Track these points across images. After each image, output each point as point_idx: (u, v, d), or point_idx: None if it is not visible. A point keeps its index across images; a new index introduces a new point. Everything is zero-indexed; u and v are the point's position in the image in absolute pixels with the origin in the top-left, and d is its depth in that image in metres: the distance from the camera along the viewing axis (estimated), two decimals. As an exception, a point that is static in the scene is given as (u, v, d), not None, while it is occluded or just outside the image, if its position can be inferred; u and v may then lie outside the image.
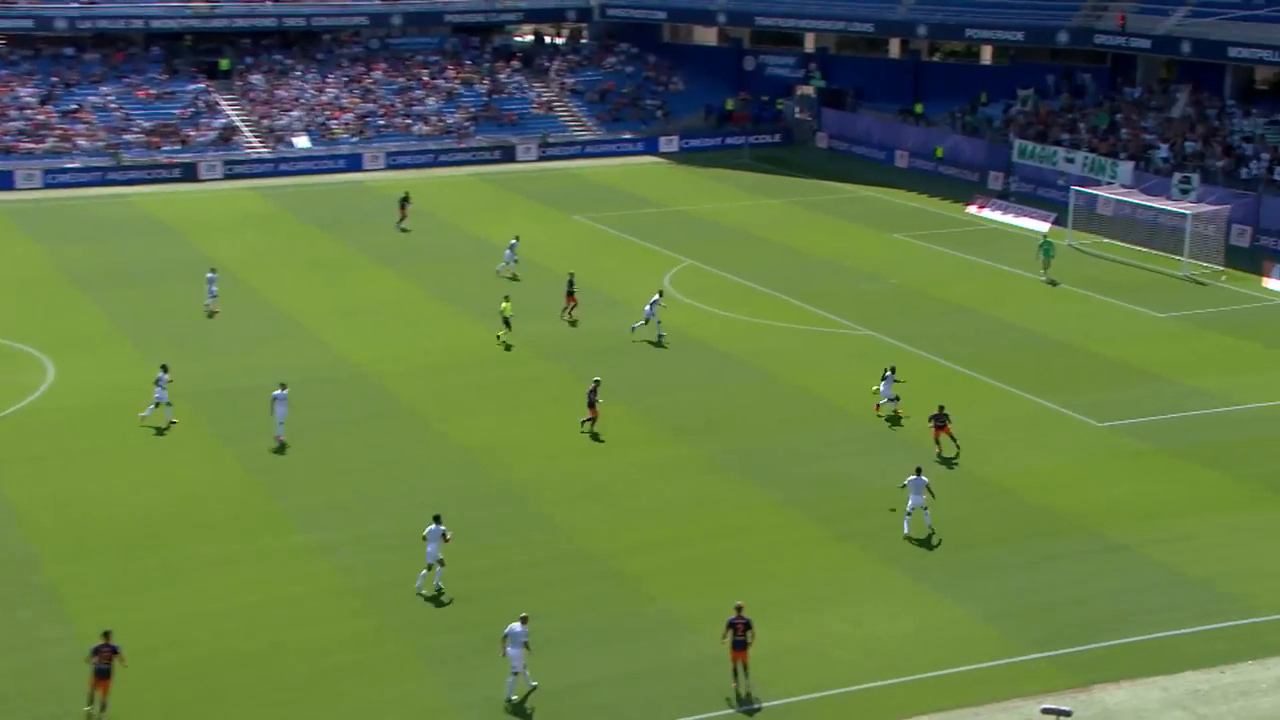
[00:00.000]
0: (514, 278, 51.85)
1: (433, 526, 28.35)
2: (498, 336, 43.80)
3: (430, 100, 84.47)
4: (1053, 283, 52.15)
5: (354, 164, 77.16)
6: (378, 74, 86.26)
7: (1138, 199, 58.58)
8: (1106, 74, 74.63)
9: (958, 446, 35.05)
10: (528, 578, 29.00)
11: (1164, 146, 63.83)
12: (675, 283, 52.17)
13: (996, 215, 64.45)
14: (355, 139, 79.64)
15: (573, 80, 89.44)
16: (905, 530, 30.51)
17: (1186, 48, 67.87)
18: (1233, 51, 65.87)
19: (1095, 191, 60.69)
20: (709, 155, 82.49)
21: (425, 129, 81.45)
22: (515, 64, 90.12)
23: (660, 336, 43.95)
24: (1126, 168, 63.98)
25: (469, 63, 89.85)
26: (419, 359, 42.72)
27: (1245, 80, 68.50)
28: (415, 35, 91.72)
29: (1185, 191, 59.26)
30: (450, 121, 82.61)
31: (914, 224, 63.47)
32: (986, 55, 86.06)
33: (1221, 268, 54.32)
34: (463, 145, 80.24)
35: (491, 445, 35.87)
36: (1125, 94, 71.47)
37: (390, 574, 29.19)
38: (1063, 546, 30.33)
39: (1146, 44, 69.84)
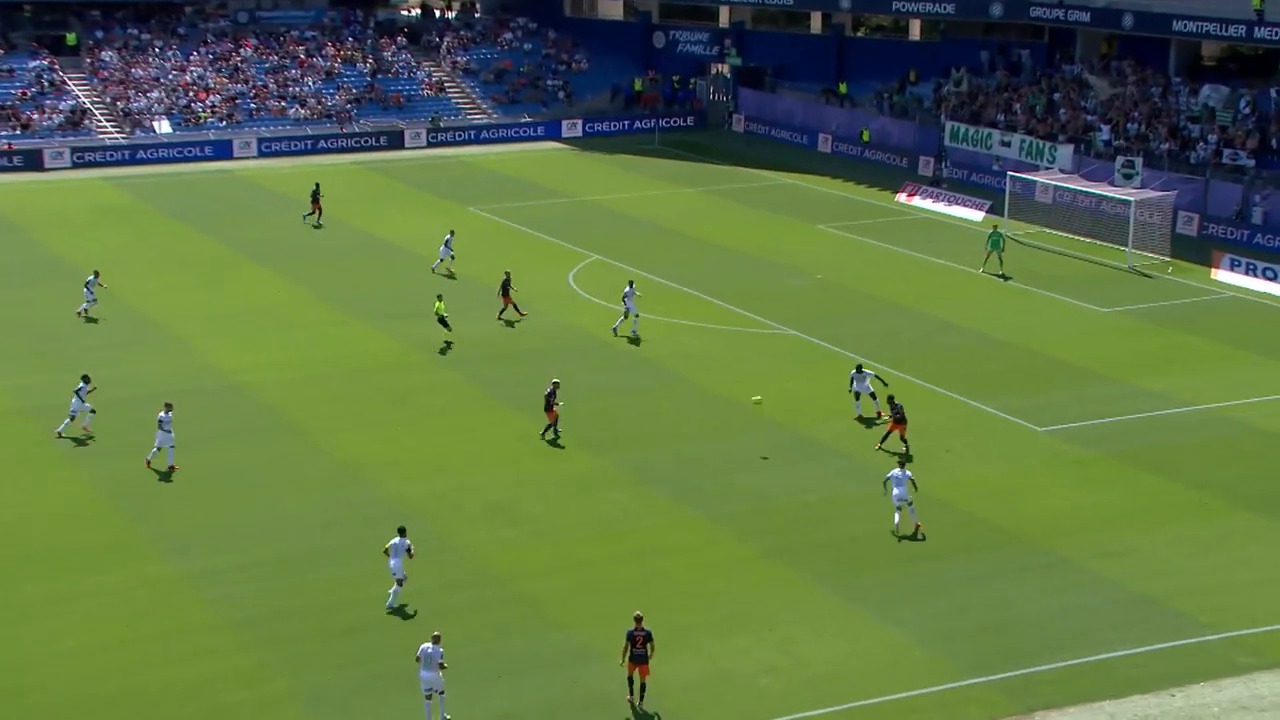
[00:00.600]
0: (450, 274, 51.97)
1: (397, 540, 28.90)
2: (446, 343, 44.21)
3: (307, 81, 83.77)
4: (1004, 277, 53.16)
5: (222, 151, 76.28)
6: (247, 51, 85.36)
7: (1078, 185, 59.79)
8: (1044, 50, 76.12)
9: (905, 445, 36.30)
10: (426, 605, 28.92)
11: (1105, 128, 65.19)
12: (581, 280, 52.37)
13: (928, 204, 65.41)
14: (223, 124, 78.73)
15: (465, 58, 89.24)
16: (895, 523, 31.85)
17: (1128, 21, 69.33)
18: (1178, 25, 67.43)
19: (1033, 178, 61.84)
20: (616, 140, 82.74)
21: (302, 113, 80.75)
22: (401, 40, 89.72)
23: (634, 332, 44.83)
24: (1066, 151, 65.26)
25: (350, 39, 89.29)
26: (302, 368, 42.40)
27: (1191, 56, 70.03)
28: (289, 8, 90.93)
29: (1128, 177, 60.54)
30: (330, 104, 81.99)
31: (840, 214, 64.23)
32: (915, 30, 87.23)
33: (1168, 258, 55.60)
34: (344, 131, 79.70)
35: (382, 460, 35.70)
36: (1064, 71, 72.98)
37: (270, 603, 28.95)
38: (1003, 562, 30.88)
39: (1085, 17, 71.27)
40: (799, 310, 48.70)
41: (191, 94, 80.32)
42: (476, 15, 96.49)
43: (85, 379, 37.56)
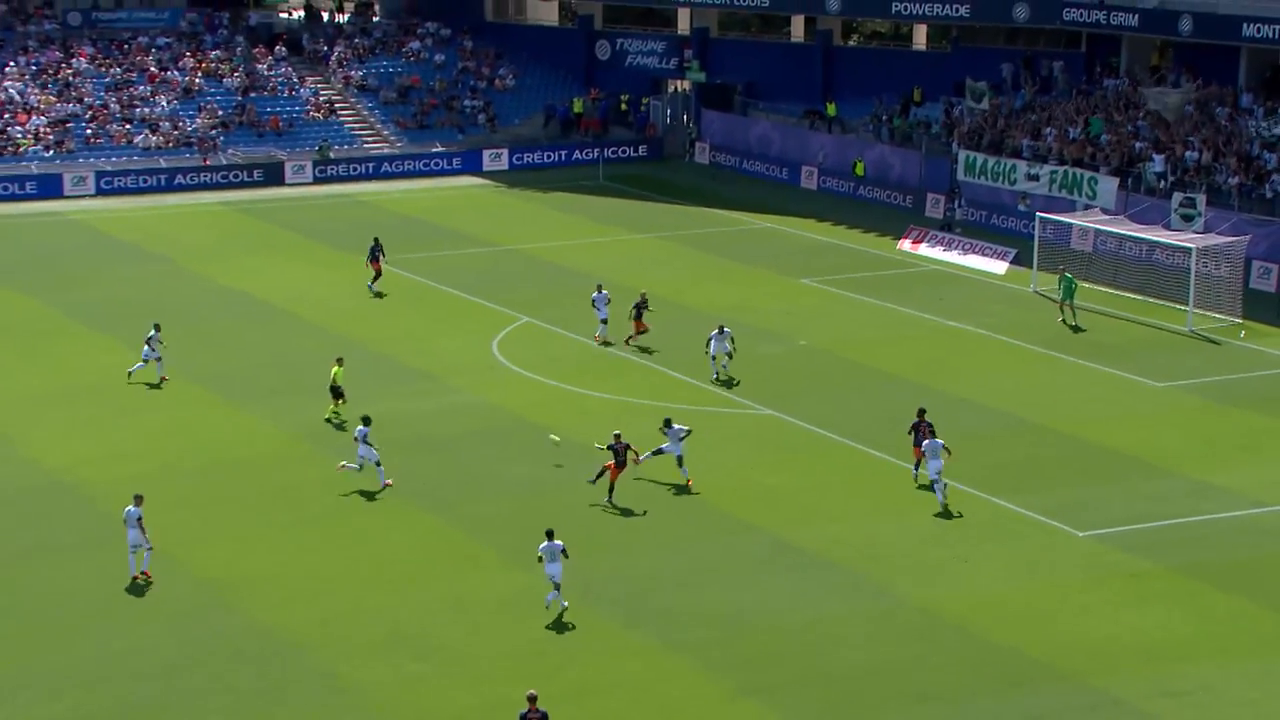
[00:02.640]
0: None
1: (547, 544, 33.59)
2: (335, 412, 45.55)
3: (160, 100, 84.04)
4: (1077, 329, 54.64)
5: (49, 189, 76.31)
6: (81, 62, 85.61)
7: (1125, 229, 60.65)
8: (1081, 61, 77.47)
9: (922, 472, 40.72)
10: (307, 765, 28.72)
11: (1158, 158, 66.30)
12: (508, 348, 52.59)
13: (937, 253, 66.20)
14: (50, 154, 78.76)
15: (361, 73, 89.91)
16: (940, 499, 39.35)
17: (1187, 26, 70.66)
18: (1249, 30, 68.57)
19: (1068, 219, 62.68)
20: (550, 175, 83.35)
21: (153, 140, 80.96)
22: (280, 50, 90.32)
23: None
24: (1109, 186, 66.25)
25: (215, 48, 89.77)
26: (153, 462, 42.24)
27: (1266, 67, 71.03)
28: (136, 9, 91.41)
29: (1188, 218, 61.49)
30: (190, 129, 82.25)
31: (828, 265, 64.80)
32: (920, 38, 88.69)
33: (1239, 320, 56.34)
34: (208, 163, 79.97)
35: (255, 577, 35.55)
36: (1106, 87, 74.25)
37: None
38: (1040, 701, 30.88)
39: (1133, 20, 72.61)
40: (776, 384, 48.96)
41: (8, 116, 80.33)
42: (375, 19, 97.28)
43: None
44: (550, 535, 34.01)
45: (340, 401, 45.72)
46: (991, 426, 45.63)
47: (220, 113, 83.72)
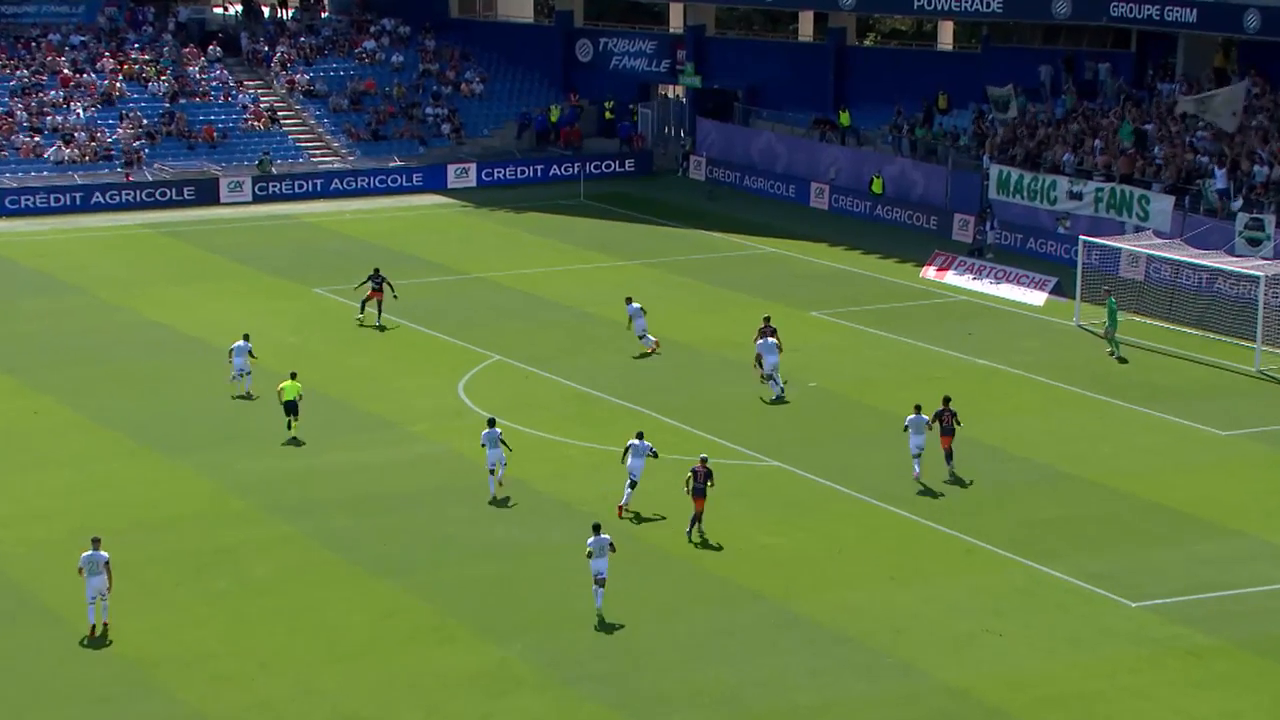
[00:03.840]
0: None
1: (595, 538, 37.11)
2: (288, 427, 47.90)
3: (75, 107, 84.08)
4: (1122, 360, 55.54)
5: (-54, 209, 76.38)
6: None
7: (1182, 254, 60.78)
8: (1130, 62, 77.81)
9: (952, 465, 45.23)
10: None
11: (1220, 172, 66.49)
12: (476, 391, 52.62)
13: (966, 281, 66.36)
14: (-49, 168, 78.79)
15: (308, 76, 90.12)
16: (916, 472, 44.33)
17: (1254, 22, 70.83)
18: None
19: (1117, 244, 62.80)
20: (525, 193, 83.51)
21: (67, 153, 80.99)
22: (215, 50, 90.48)
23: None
24: (1164, 206, 66.40)
25: (139, 47, 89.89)
26: (64, 524, 42.04)
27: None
28: (47, 1, 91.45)
29: (1256, 242, 61.63)
30: (110, 140, 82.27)
31: (841, 295, 64.87)
32: (946, 36, 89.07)
33: (1311, 358, 56.64)
34: (131, 179, 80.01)
35: (184, 657, 35.38)
36: (1161, 92, 74.51)
37: None
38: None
39: (1190, 16, 72.90)
40: (782, 432, 48.93)
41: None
42: (323, 15, 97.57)
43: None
44: (597, 530, 37.29)
45: (293, 419, 47.55)
46: (1028, 479, 45.59)
47: (145, 122, 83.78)
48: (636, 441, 42.51)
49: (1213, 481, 45.62)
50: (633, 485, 42.45)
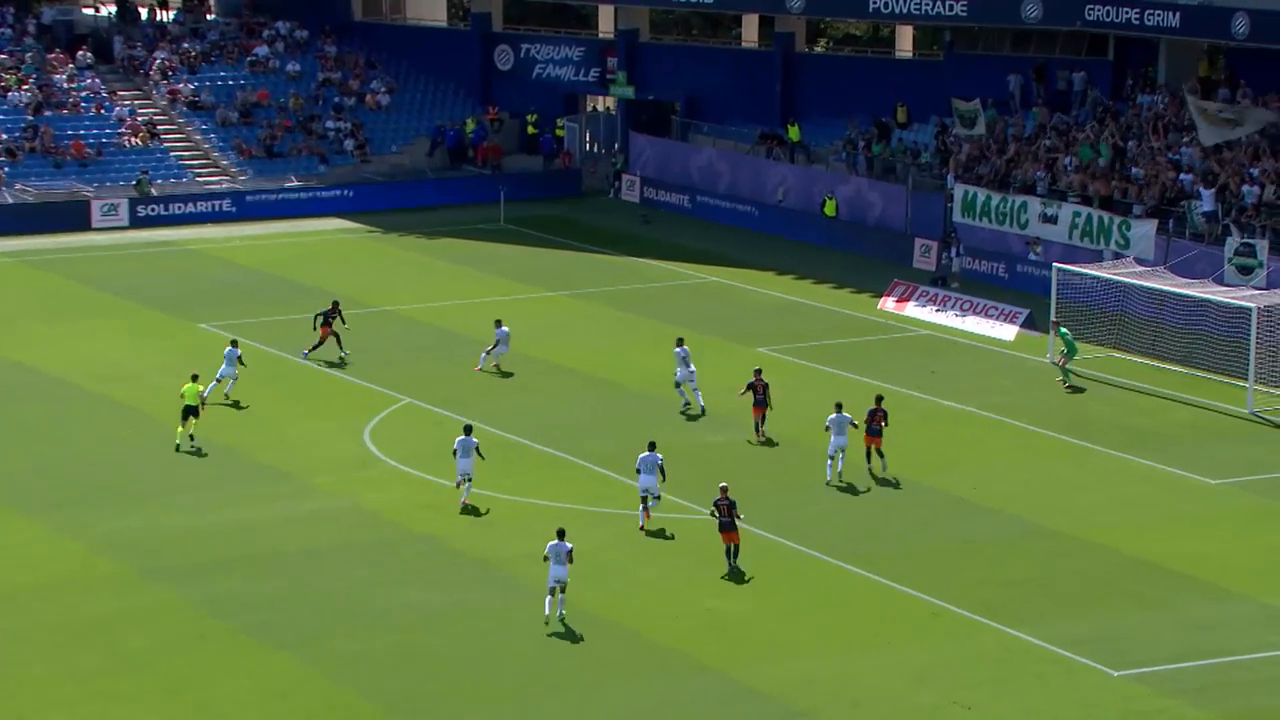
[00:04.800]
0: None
1: (556, 543, 39.35)
2: (189, 436, 50.18)
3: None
4: (1076, 389, 56.09)
5: None
6: None
7: (1165, 283, 60.86)
8: (1108, 71, 78.09)
9: (885, 462, 48.38)
10: None
11: (1207, 194, 66.70)
12: (383, 438, 52.30)
13: (928, 314, 66.39)
14: None
15: (192, 86, 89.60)
16: (828, 477, 47.86)
17: (1242, 26, 70.96)
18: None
19: (1094, 272, 62.79)
20: (437, 216, 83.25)
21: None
22: (85, 55, 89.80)
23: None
24: (1146, 230, 66.58)
25: None
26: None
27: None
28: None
29: (1247, 270, 61.83)
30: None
31: (790, 330, 64.80)
32: (905, 42, 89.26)
33: (1311, 399, 56.74)
34: (-9, 200, 79.36)
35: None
36: (1140, 105, 74.85)
37: None
38: None
39: (1174, 20, 73.05)
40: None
41: None
42: (210, 17, 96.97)
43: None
44: (561, 535, 39.41)
45: (193, 420, 49.75)
46: (1000, 535, 45.49)
47: (4, 137, 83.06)
48: (647, 454, 45.27)
49: (1203, 536, 45.60)
50: (646, 500, 45.35)
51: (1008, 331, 63.95)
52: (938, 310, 66.36)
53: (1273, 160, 67.42)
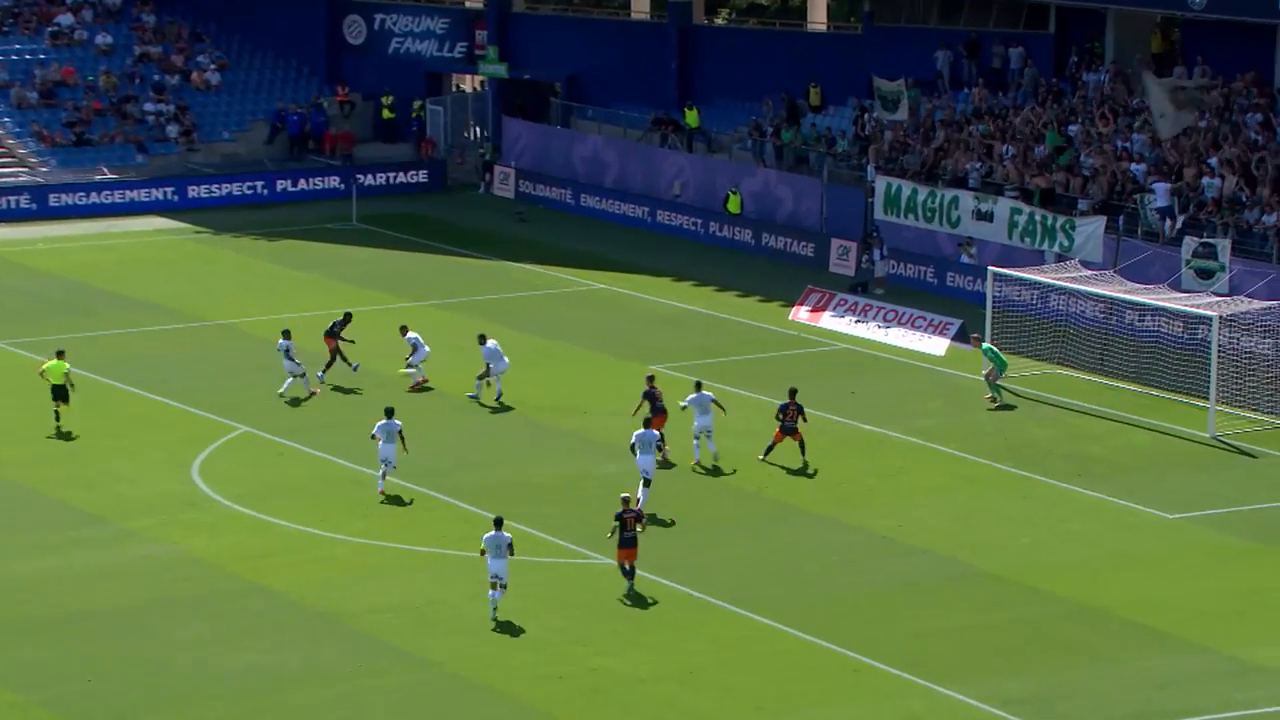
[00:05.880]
0: None
1: (494, 534, 41.86)
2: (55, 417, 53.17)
3: None
4: (1006, 407, 56.61)
5: None
6: None
7: (1114, 289, 61.14)
8: (1049, 46, 78.49)
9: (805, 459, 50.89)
10: None
11: (1162, 187, 67.11)
12: (214, 473, 52.01)
13: (847, 325, 66.56)
14: None
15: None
16: (696, 458, 51.81)
17: (1199, -4, 71.78)
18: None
19: (1035, 277, 63.07)
20: (278, 214, 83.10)
21: None
22: None
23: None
24: (1092, 229, 66.99)
25: None
26: None
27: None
28: None
29: (1207, 274, 62.18)
30: None
31: (687, 345, 64.88)
32: (819, 14, 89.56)
33: (1282, 420, 57.24)
34: None
35: None
36: (1087, 83, 75.12)
37: None
38: None
39: (1122, -11, 73.85)
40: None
41: None
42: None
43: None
44: (499, 524, 41.34)
45: (62, 404, 52.45)
46: (930, 578, 45.52)
47: None
48: (643, 431, 49.24)
49: (1160, 579, 45.81)
50: (646, 484, 48.55)
51: (937, 345, 64.19)
52: (858, 321, 66.53)
53: (1234, 148, 67.86)
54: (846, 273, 72.75)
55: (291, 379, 57.52)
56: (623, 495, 44.08)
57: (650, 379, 53.56)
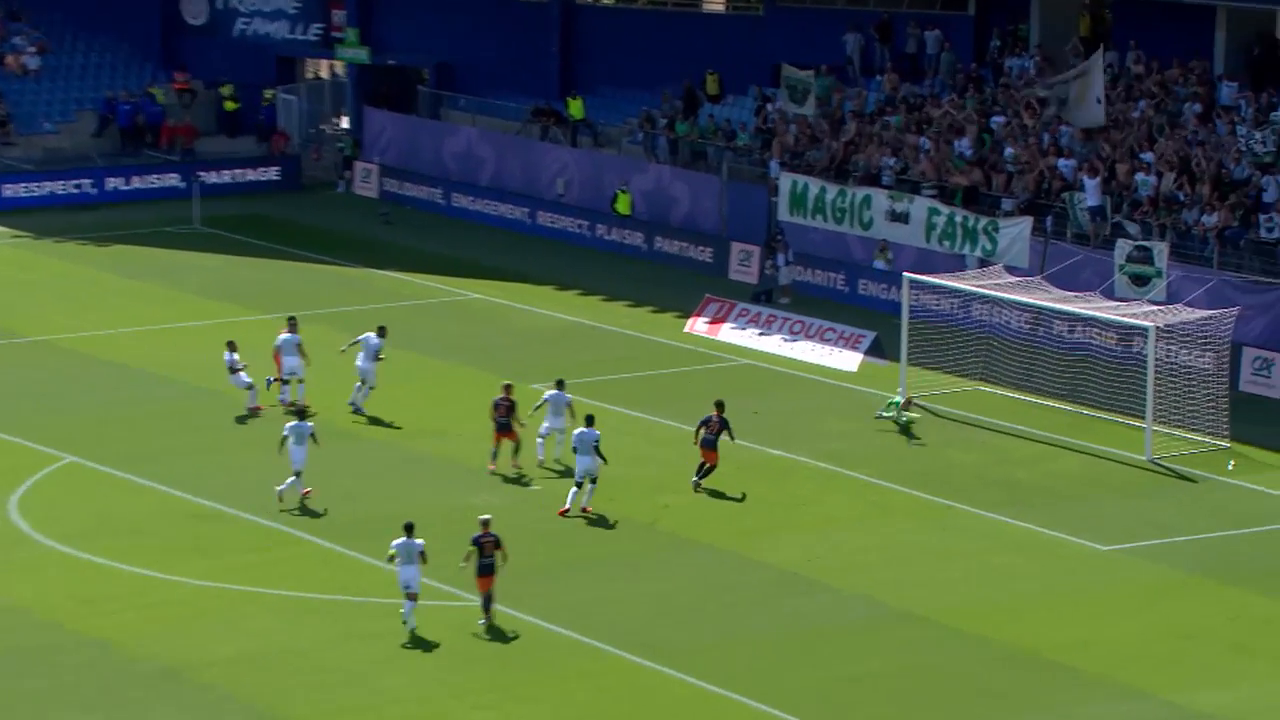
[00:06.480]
0: None
1: (404, 540, 43.82)
2: None
3: None
4: (908, 434, 56.91)
5: None
6: None
7: (1042, 297, 61.39)
8: (969, 29, 79.00)
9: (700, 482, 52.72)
10: None
11: (1092, 184, 67.54)
12: (34, 507, 51.72)
13: (748, 338, 66.86)
14: None
15: None
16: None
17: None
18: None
19: (954, 284, 63.27)
20: (109, 215, 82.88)
21: None
22: None
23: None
24: (1018, 230, 67.47)
25: None
26: None
27: (1251, 41, 72.60)
28: None
29: (1142, 280, 62.67)
30: None
31: (575, 361, 64.73)
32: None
33: (1226, 442, 57.36)
34: None
35: None
36: (1011, 69, 75.55)
37: None
38: None
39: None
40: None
41: None
42: None
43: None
44: (409, 530, 43.02)
45: None
46: (842, 619, 45.68)
47: None
48: (582, 430, 50.99)
49: (1093, 617, 46.05)
50: (581, 485, 51.00)
51: (849, 360, 64.49)
52: (761, 334, 66.83)
53: (1171, 141, 68.27)
54: (748, 280, 73.03)
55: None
56: (481, 518, 44.47)
57: (507, 387, 54.20)
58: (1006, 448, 57.59)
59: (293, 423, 51.20)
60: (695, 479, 52.85)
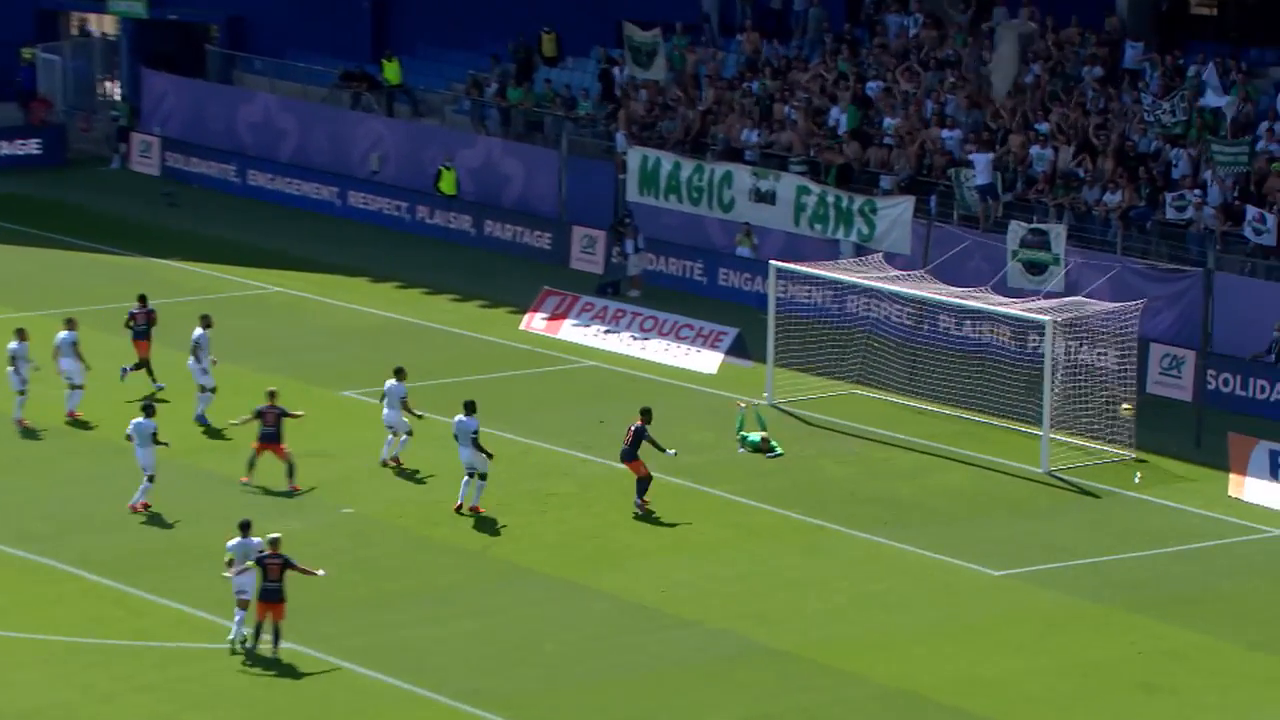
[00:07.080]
0: None
1: (240, 540, 44.54)
2: None
3: None
4: (761, 449, 57.09)
5: None
6: None
7: (925, 288, 62.00)
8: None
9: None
10: None
11: (982, 159, 67.89)
12: None
13: (593, 336, 67.41)
14: None
15: None
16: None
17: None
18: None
19: (827, 273, 63.74)
20: None
21: None
22: None
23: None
24: (898, 212, 68.09)
25: None
26: None
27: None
28: None
29: (1038, 268, 63.13)
30: None
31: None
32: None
33: (1131, 452, 58.03)
34: None
35: None
36: (890, 27, 75.90)
37: None
38: None
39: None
40: (311, 596, 48.15)
41: None
42: None
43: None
44: (245, 528, 44.29)
45: None
46: (701, 657, 45.91)
47: None
48: (462, 418, 53.02)
49: (983, 652, 46.51)
50: (470, 478, 52.88)
51: (708, 361, 64.95)
52: (608, 331, 67.21)
53: (1068, 108, 68.57)
54: (593, 270, 73.36)
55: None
56: (270, 536, 44.42)
57: (271, 394, 54.64)
58: (886, 459, 58.12)
59: (137, 419, 51.62)
60: (636, 499, 53.43)
